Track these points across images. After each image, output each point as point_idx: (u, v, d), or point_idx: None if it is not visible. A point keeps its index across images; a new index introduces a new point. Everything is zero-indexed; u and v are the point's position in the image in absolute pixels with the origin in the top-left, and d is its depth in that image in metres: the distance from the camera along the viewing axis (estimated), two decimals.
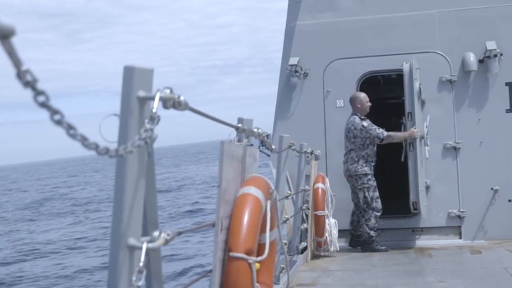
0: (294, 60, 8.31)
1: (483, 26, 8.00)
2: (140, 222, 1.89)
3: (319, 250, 7.25)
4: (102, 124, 1.75)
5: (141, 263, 1.77)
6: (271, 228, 3.07)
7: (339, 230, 7.39)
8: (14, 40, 1.14)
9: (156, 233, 1.90)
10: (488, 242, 7.71)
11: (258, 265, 2.81)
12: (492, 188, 7.86)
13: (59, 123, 1.31)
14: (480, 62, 7.94)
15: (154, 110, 1.82)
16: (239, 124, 2.99)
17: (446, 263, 6.64)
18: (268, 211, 2.99)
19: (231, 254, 2.68)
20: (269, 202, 3.01)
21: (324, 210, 7.06)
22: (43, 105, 1.25)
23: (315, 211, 7.05)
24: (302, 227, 7.15)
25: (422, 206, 7.39)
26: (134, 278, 1.77)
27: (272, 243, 3.10)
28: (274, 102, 8.64)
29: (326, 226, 7.07)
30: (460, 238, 7.91)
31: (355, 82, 8.24)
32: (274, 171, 6.73)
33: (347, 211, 7.75)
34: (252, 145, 3.21)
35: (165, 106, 1.90)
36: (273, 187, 3.16)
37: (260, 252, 2.85)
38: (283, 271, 5.27)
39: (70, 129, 1.34)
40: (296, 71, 8.28)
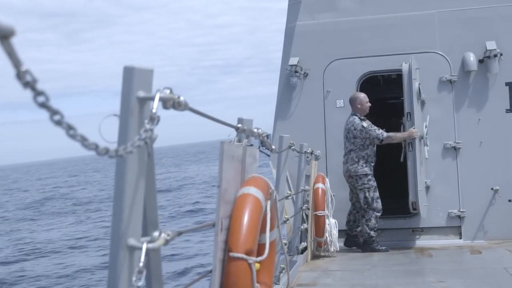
0: (294, 60, 8.31)
1: (483, 26, 8.00)
2: (140, 222, 1.89)
3: (319, 250, 7.25)
4: (102, 125, 1.75)
5: (141, 263, 1.77)
6: (271, 228, 3.07)
7: (339, 230, 7.40)
8: (14, 40, 1.14)
9: (156, 233, 1.90)
10: (488, 242, 7.72)
11: (258, 265, 2.81)
12: (492, 188, 7.86)
13: (58, 123, 1.31)
14: (480, 62, 7.94)
15: (154, 111, 1.82)
16: (239, 124, 2.99)
17: (446, 263, 6.64)
18: (268, 211, 2.99)
19: (231, 254, 2.68)
20: (269, 202, 3.01)
21: (324, 210, 7.06)
22: (43, 105, 1.25)
23: (315, 211, 7.05)
24: (302, 227, 7.16)
25: (421, 206, 7.39)
26: (134, 278, 1.77)
27: (272, 243, 3.10)
28: (274, 102, 8.65)
29: (326, 226, 7.07)
30: (460, 238, 7.92)
31: (355, 82, 8.24)
32: (274, 171, 6.73)
33: (347, 211, 7.75)
34: (252, 145, 3.21)
35: (165, 107, 1.90)
36: (273, 187, 3.16)
37: (260, 252, 2.85)
38: (283, 271, 5.28)
39: (69, 129, 1.35)
40: (296, 71, 8.28)
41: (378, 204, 7.48)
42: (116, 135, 1.79)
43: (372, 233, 7.46)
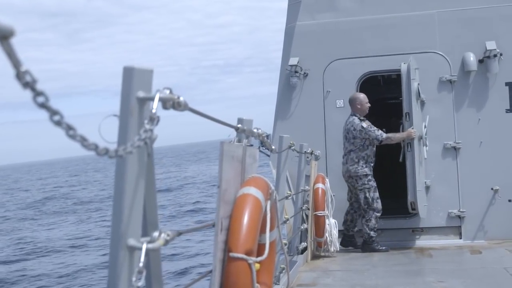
0: (294, 60, 8.31)
1: (483, 26, 8.00)
2: (140, 222, 1.89)
3: (319, 251, 7.25)
4: (101, 125, 1.76)
5: (141, 264, 1.77)
6: (271, 229, 3.07)
7: (339, 230, 7.40)
8: (14, 40, 1.14)
9: (156, 233, 1.90)
10: (488, 242, 7.72)
11: (258, 265, 2.81)
12: (492, 188, 7.86)
13: (58, 123, 1.31)
14: (480, 62, 7.94)
15: (153, 111, 1.83)
16: (239, 125, 2.99)
17: (446, 263, 6.64)
18: (268, 212, 2.99)
19: (231, 254, 2.68)
20: (269, 203, 3.01)
21: (324, 211, 7.06)
22: (43, 105, 1.25)
23: (315, 211, 7.05)
24: (302, 227, 7.16)
25: (420, 206, 7.39)
26: (134, 279, 1.78)
27: (272, 244, 3.10)
28: (274, 101, 8.65)
29: (326, 226, 7.07)
30: (460, 238, 7.92)
31: (355, 82, 8.24)
32: (274, 171, 6.73)
33: None
34: (252, 145, 3.21)
35: (164, 107, 1.90)
36: (273, 187, 3.16)
37: (260, 252, 2.86)
38: (283, 271, 5.28)
39: (69, 129, 1.35)
40: (296, 71, 8.28)
41: (378, 204, 7.48)
42: (116, 135, 1.79)
43: (372, 233, 7.46)
